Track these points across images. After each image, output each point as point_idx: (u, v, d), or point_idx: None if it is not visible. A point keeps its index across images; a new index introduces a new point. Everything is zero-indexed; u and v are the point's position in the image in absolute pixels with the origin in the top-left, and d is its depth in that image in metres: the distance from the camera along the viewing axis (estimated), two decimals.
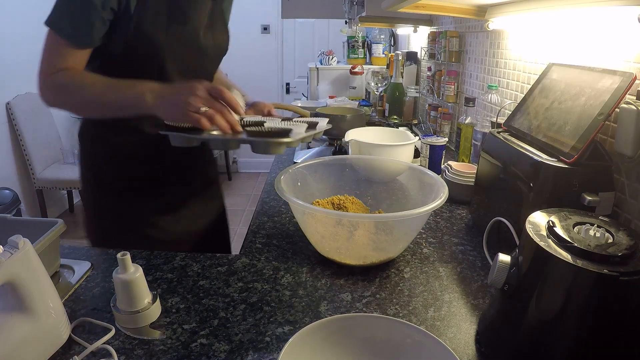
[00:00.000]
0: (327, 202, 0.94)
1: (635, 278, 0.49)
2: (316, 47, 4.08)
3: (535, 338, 0.55)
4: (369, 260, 0.81)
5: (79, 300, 0.72)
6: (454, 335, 0.65)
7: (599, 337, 0.53)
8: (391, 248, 0.83)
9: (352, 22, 2.48)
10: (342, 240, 0.80)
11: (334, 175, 1.04)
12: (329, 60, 2.88)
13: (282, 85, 4.48)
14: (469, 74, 1.61)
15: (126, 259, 0.63)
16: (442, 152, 1.29)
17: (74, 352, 0.60)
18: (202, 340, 0.63)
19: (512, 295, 0.59)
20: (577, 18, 0.96)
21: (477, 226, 0.99)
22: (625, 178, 0.78)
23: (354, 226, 0.79)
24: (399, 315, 0.69)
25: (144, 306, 0.65)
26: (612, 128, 0.82)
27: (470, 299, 0.73)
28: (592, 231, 0.56)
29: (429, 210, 0.75)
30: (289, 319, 0.68)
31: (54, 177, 3.08)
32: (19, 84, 3.04)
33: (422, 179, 0.96)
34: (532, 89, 0.96)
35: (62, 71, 0.83)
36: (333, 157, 1.07)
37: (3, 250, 0.54)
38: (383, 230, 0.79)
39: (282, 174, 0.89)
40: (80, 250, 0.87)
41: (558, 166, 0.73)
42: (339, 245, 0.81)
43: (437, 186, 0.86)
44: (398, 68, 2.01)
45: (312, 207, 0.80)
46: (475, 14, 1.31)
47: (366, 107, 2.16)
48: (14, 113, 2.97)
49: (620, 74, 0.73)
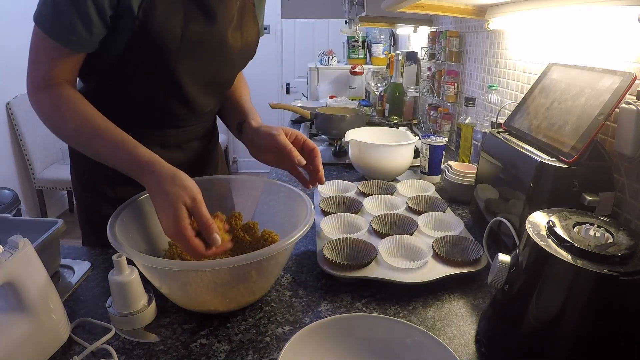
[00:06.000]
0: None
1: (635, 278, 0.49)
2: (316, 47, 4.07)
3: (535, 338, 0.55)
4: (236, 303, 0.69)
5: (79, 300, 0.72)
6: (454, 335, 0.65)
7: (599, 337, 0.53)
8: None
9: (352, 22, 2.48)
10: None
11: None
12: (329, 60, 2.88)
13: (282, 85, 4.48)
14: (469, 74, 1.61)
15: (121, 260, 0.63)
16: (442, 152, 1.29)
17: (74, 352, 0.60)
18: (202, 340, 0.63)
19: (512, 295, 0.59)
20: (577, 18, 0.96)
21: (477, 226, 0.99)
22: (625, 178, 0.78)
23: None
24: (399, 315, 0.69)
25: (139, 308, 0.65)
26: (612, 128, 0.82)
27: (470, 299, 0.73)
28: (592, 231, 0.56)
29: (293, 242, 0.64)
30: (289, 319, 0.68)
31: (54, 177, 3.08)
32: (19, 84, 3.04)
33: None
34: (532, 89, 0.96)
35: (54, 87, 0.74)
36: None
37: (3, 250, 0.54)
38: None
39: (114, 221, 0.68)
40: (80, 250, 0.87)
41: (558, 166, 0.73)
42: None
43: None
44: (398, 68, 2.01)
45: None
46: (475, 14, 1.31)
47: (366, 107, 2.16)
48: (14, 113, 2.98)
49: (620, 74, 0.73)
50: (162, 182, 0.66)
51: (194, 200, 0.64)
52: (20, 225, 0.77)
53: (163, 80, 0.82)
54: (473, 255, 0.79)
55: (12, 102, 2.97)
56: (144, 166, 0.69)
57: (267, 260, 0.64)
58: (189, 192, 0.65)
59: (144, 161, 0.69)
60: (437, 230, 0.91)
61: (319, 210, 1.00)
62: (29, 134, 3.05)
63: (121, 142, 0.72)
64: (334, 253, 0.80)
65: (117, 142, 0.72)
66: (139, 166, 0.69)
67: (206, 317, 0.68)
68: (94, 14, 0.70)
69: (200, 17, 0.79)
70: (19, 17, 3.00)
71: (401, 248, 0.83)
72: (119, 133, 0.73)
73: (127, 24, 0.74)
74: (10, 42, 2.96)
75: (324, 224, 0.90)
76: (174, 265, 0.63)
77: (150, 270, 0.64)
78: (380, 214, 0.94)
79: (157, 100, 0.86)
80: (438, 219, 0.94)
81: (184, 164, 0.84)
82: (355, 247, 0.82)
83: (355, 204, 1.02)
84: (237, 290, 0.66)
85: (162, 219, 0.64)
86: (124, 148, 0.71)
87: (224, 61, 0.88)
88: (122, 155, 0.71)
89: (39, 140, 3.13)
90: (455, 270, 0.76)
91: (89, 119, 0.74)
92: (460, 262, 0.78)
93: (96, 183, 0.93)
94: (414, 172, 1.40)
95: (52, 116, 0.76)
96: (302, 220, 0.69)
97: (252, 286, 0.67)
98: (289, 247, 0.64)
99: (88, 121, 0.74)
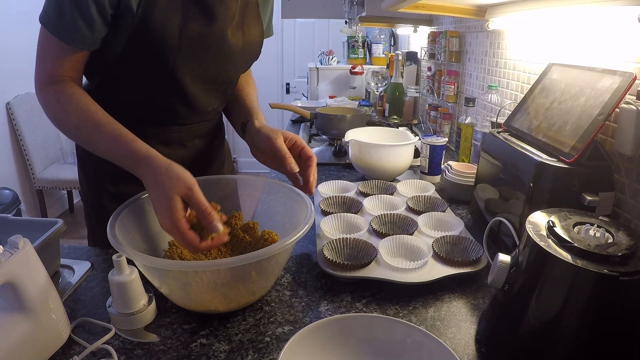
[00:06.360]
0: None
1: (635, 278, 0.49)
2: (316, 47, 4.08)
3: (535, 338, 0.55)
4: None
5: (79, 300, 0.72)
6: (454, 335, 0.65)
7: (599, 337, 0.53)
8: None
9: (352, 22, 2.48)
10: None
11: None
12: (329, 60, 2.88)
13: (282, 85, 4.49)
14: (469, 74, 1.61)
15: (121, 260, 0.63)
16: (442, 152, 1.29)
17: (74, 352, 0.60)
18: (202, 340, 0.63)
19: (512, 295, 0.59)
20: (577, 18, 0.96)
21: (477, 226, 0.99)
22: (625, 178, 0.78)
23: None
24: (399, 315, 0.69)
25: (139, 308, 0.65)
26: (612, 128, 0.82)
27: (470, 299, 0.73)
28: (592, 231, 0.56)
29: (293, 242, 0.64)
30: (289, 319, 0.68)
31: (54, 177, 3.08)
32: (19, 84, 3.04)
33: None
34: (532, 89, 0.96)
35: (59, 84, 0.76)
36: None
37: (3, 250, 0.54)
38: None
39: (114, 221, 0.68)
40: (80, 250, 0.87)
41: (558, 166, 0.73)
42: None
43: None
44: (398, 68, 2.01)
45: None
46: (475, 14, 1.31)
47: (366, 107, 2.16)
48: (14, 113, 2.98)
49: (620, 74, 0.73)
50: (157, 174, 0.66)
51: (191, 190, 0.64)
52: (20, 225, 0.77)
53: (163, 78, 0.83)
54: (473, 255, 0.79)
55: (12, 102, 2.97)
56: (141, 160, 0.69)
57: (267, 260, 0.64)
58: (185, 182, 0.64)
59: (140, 155, 0.70)
60: (437, 230, 0.91)
61: (319, 210, 1.00)
62: (29, 134, 3.05)
63: (119, 137, 0.72)
64: (334, 253, 0.80)
65: (115, 137, 0.72)
66: (136, 160, 0.70)
67: (206, 317, 0.68)
68: (95, 13, 0.72)
69: (199, 16, 0.80)
70: (19, 18, 3.00)
71: (401, 248, 0.83)
72: (118, 128, 0.74)
73: (127, 22, 0.75)
74: (11, 43, 2.96)
75: (324, 224, 0.90)
76: (174, 265, 0.63)
77: (150, 270, 0.64)
78: (380, 214, 0.94)
79: (158, 98, 0.86)
80: (438, 219, 0.94)
81: (186, 162, 0.84)
82: (355, 247, 0.82)
83: (355, 204, 1.02)
84: (237, 290, 0.65)
85: (158, 211, 0.65)
86: (122, 142, 0.72)
87: (225, 60, 0.88)
88: (120, 150, 0.72)
89: (39, 140, 3.13)
90: (455, 270, 0.76)
91: (90, 114, 0.75)
92: (460, 262, 0.78)
93: (104, 180, 0.94)
94: (414, 172, 1.40)
95: (56, 112, 0.77)
96: (302, 220, 0.69)
97: (252, 286, 0.67)
98: (289, 247, 0.64)
99: (89, 116, 0.75)
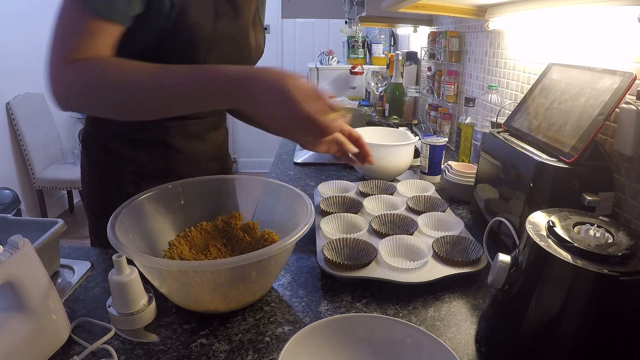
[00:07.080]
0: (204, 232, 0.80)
1: (635, 278, 0.49)
2: (316, 47, 4.08)
3: (535, 338, 0.55)
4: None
5: (79, 300, 0.72)
6: (454, 335, 0.65)
7: (599, 337, 0.53)
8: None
9: (352, 22, 2.48)
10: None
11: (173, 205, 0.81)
12: (329, 60, 2.88)
13: None
14: (469, 74, 1.61)
15: (121, 260, 0.63)
16: (442, 152, 1.29)
17: (74, 352, 0.60)
18: (202, 340, 0.63)
19: (512, 295, 0.59)
20: (577, 18, 0.96)
21: (477, 226, 0.99)
22: (625, 178, 0.78)
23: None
24: (399, 315, 0.69)
25: (139, 308, 0.65)
26: (612, 128, 0.82)
27: (470, 299, 0.73)
28: (592, 231, 0.56)
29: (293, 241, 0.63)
30: (289, 319, 0.68)
31: (54, 177, 3.08)
32: (19, 84, 3.04)
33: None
34: (532, 89, 0.96)
35: (83, 60, 0.65)
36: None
37: (3, 250, 0.54)
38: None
39: (114, 221, 0.66)
40: (80, 250, 0.87)
41: (558, 166, 0.73)
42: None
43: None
44: (398, 68, 2.01)
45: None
46: (475, 14, 1.31)
47: (366, 107, 2.16)
48: (14, 113, 2.98)
49: (620, 74, 0.73)
50: (278, 76, 0.60)
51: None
52: (20, 225, 0.77)
53: None
54: (473, 255, 0.79)
55: (12, 102, 2.97)
56: (241, 75, 0.61)
57: (267, 260, 0.64)
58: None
59: (240, 70, 0.61)
60: (437, 230, 0.91)
61: (319, 210, 1.00)
62: (29, 134, 3.05)
63: (193, 68, 0.63)
64: (334, 253, 0.80)
65: (188, 70, 0.63)
66: (235, 77, 0.61)
67: (206, 317, 0.68)
68: None
69: (230, 12, 0.81)
70: (19, 18, 3.01)
71: (401, 248, 0.83)
72: (181, 65, 0.64)
73: (159, 16, 0.73)
74: (11, 43, 2.96)
75: (324, 224, 0.90)
76: (174, 265, 0.63)
77: (150, 270, 0.64)
78: (380, 214, 0.94)
79: None
80: (438, 219, 0.94)
81: (207, 154, 0.82)
82: (355, 247, 0.82)
83: (355, 204, 1.02)
84: (237, 290, 0.65)
85: (304, 103, 0.59)
86: (201, 69, 0.63)
87: (245, 58, 0.90)
88: (201, 78, 0.62)
89: (39, 140, 3.13)
90: (455, 270, 0.76)
91: (142, 66, 0.65)
92: (460, 262, 0.78)
93: (121, 178, 0.92)
94: (414, 172, 1.40)
95: (89, 83, 0.65)
96: (302, 220, 0.69)
97: (252, 286, 0.67)
98: (289, 247, 0.64)
99: (141, 68, 0.65)
